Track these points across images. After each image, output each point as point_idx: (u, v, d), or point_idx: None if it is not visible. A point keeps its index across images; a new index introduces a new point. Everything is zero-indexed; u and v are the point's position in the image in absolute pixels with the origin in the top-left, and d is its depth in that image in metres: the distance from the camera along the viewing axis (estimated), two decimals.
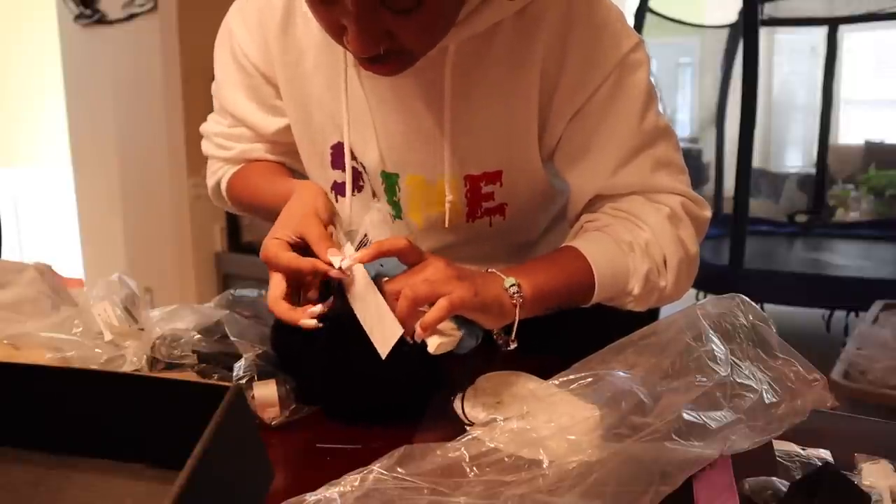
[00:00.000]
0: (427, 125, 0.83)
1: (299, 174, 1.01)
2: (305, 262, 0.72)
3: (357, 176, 0.91)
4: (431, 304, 0.68)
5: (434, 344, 0.69)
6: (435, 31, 0.71)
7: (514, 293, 0.72)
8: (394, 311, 0.69)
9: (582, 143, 0.83)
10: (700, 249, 0.87)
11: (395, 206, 0.91)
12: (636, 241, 0.81)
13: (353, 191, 0.90)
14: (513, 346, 0.74)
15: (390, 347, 0.69)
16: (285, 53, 0.87)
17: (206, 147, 1.02)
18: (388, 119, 0.85)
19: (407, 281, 0.70)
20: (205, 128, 1.02)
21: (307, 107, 0.89)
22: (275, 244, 0.74)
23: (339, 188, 0.93)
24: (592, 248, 0.80)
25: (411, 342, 0.69)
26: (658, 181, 0.83)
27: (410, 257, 0.72)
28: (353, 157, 0.89)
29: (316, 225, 0.74)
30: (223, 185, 1.00)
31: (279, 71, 0.89)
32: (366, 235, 0.75)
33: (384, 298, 0.70)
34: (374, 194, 0.92)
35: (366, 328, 0.72)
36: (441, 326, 0.70)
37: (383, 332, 0.70)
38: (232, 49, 0.92)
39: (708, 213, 0.87)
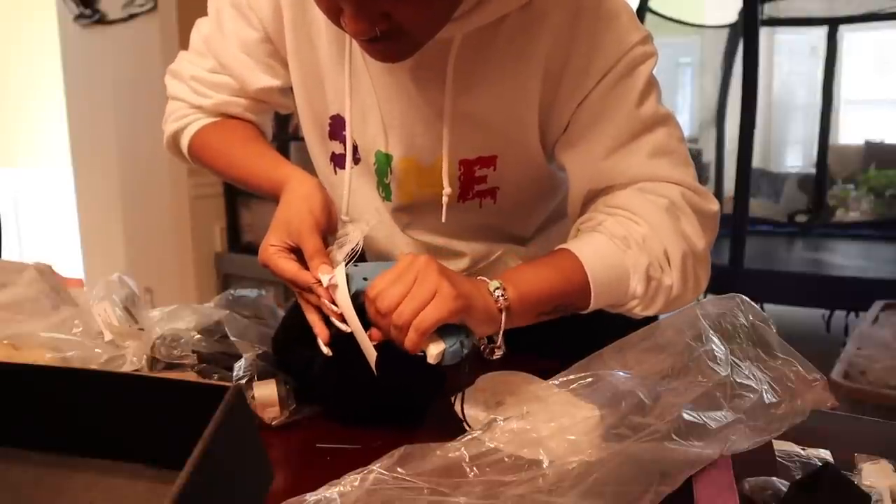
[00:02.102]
0: (427, 111, 0.83)
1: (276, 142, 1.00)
2: (305, 276, 0.73)
3: (355, 148, 0.90)
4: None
5: (432, 354, 0.69)
6: (433, 11, 0.69)
7: (498, 296, 0.71)
8: (371, 318, 0.70)
9: (580, 130, 0.82)
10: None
11: (386, 188, 0.90)
12: (631, 235, 0.78)
13: (352, 163, 0.90)
14: (499, 353, 0.73)
15: (373, 366, 0.71)
16: (299, 15, 0.86)
17: (176, 89, 0.96)
18: (388, 100, 0.84)
19: (387, 292, 0.68)
20: (176, 67, 0.96)
21: (312, 73, 0.88)
22: (274, 252, 0.74)
23: (337, 160, 0.92)
24: (584, 247, 0.78)
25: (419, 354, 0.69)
26: (655, 169, 0.81)
27: (388, 295, 0.69)
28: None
29: (313, 238, 0.74)
30: (186, 137, 0.95)
31: (289, 33, 0.87)
32: (356, 245, 0.74)
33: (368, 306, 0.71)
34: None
35: (359, 342, 0.72)
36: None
37: (366, 352, 0.72)
38: None
39: (714, 207, 0.83)
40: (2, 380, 0.57)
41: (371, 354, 0.71)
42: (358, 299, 0.71)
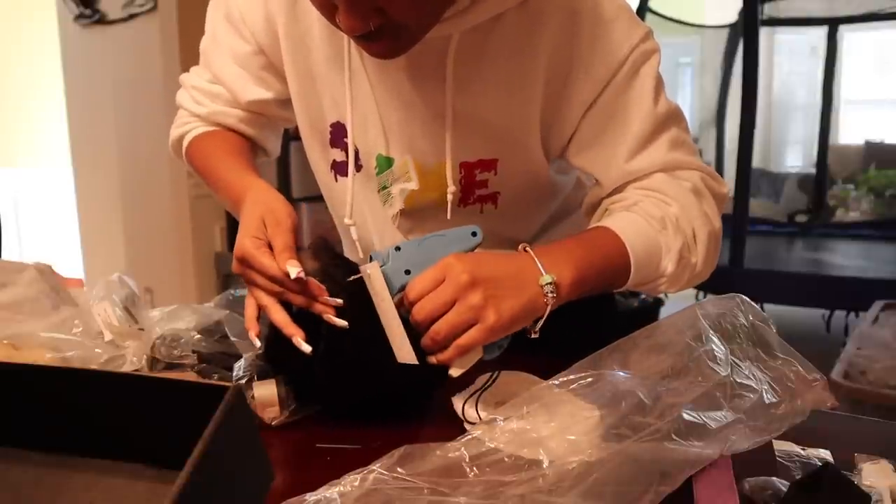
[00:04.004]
0: (426, 111, 0.83)
1: (263, 153, 1.01)
2: (277, 270, 0.72)
3: (356, 154, 0.90)
4: None
5: (454, 373, 0.72)
6: (426, 3, 0.69)
7: (548, 292, 0.71)
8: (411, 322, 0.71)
9: (598, 132, 0.83)
10: None
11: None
12: (667, 216, 0.80)
13: (354, 169, 0.90)
14: (534, 336, 0.74)
15: (404, 362, 0.73)
16: (292, 26, 0.86)
17: (181, 97, 1.00)
18: (388, 103, 0.85)
19: (425, 305, 0.70)
20: (184, 77, 0.99)
21: (309, 82, 0.89)
22: (255, 243, 0.73)
23: (338, 167, 0.92)
24: (627, 228, 0.79)
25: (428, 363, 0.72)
26: (677, 158, 0.84)
27: (428, 307, 0.71)
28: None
29: (290, 234, 0.74)
30: (185, 143, 0.98)
31: (284, 43, 0.87)
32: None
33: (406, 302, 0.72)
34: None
35: (387, 332, 0.73)
36: None
37: (399, 350, 0.73)
38: (228, 10, 0.90)
39: (725, 189, 0.87)
40: (2, 380, 0.57)
41: (406, 359, 0.72)
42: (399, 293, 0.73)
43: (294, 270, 0.70)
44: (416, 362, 0.72)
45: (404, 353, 0.72)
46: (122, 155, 3.32)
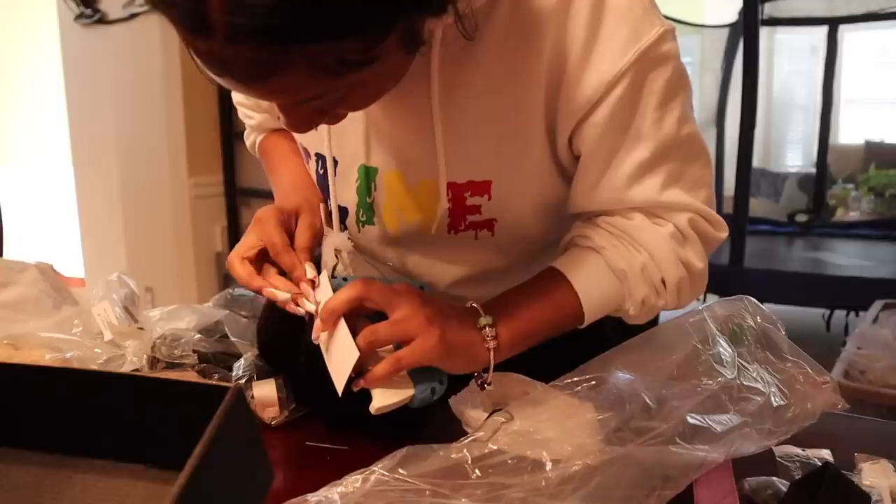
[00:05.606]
0: (414, 125, 0.75)
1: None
2: (257, 282, 0.72)
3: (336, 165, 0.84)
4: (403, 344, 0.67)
5: (377, 403, 0.67)
6: (366, 97, 0.64)
7: (487, 336, 0.69)
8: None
9: (591, 153, 0.73)
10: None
11: (368, 209, 0.82)
12: (631, 267, 0.74)
13: (334, 178, 0.84)
14: (488, 388, 0.72)
15: (342, 388, 0.68)
16: None
17: (239, 113, 1.05)
18: (371, 111, 0.75)
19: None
20: (233, 97, 1.00)
21: None
22: (234, 257, 0.74)
23: (319, 178, 0.91)
24: (579, 275, 0.74)
25: (355, 389, 0.67)
26: (667, 198, 0.73)
27: (373, 303, 0.68)
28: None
29: (277, 236, 0.73)
30: (257, 150, 1.04)
31: None
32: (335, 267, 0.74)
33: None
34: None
35: (325, 358, 0.70)
36: (395, 379, 0.68)
37: (339, 369, 0.68)
38: None
39: (722, 235, 0.77)
40: (2, 380, 0.57)
41: (343, 376, 0.67)
42: None
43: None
44: (340, 389, 0.67)
45: (343, 367, 0.67)
46: (122, 155, 3.31)
